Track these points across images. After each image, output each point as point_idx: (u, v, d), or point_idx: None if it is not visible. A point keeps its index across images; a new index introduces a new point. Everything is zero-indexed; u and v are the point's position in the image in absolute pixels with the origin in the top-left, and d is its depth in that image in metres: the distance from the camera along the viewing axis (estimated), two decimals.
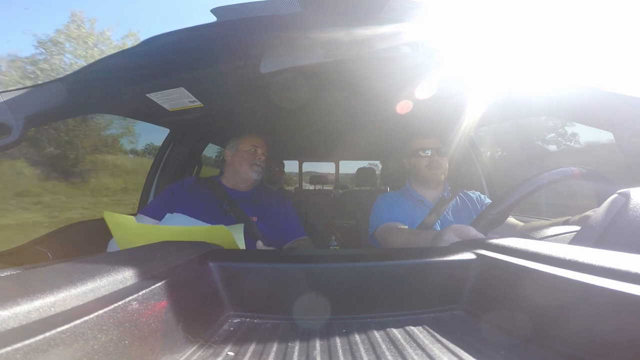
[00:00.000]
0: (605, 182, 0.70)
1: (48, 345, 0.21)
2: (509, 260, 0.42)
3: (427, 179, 1.19)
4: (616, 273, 0.30)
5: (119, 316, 0.28)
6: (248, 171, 1.23)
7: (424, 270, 0.48)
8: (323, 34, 0.72)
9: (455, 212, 1.16)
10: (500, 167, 9.63)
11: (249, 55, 0.82)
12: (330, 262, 0.49)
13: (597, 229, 0.51)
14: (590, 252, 0.36)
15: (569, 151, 10.61)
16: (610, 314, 0.29)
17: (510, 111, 1.17)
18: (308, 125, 1.62)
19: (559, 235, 0.65)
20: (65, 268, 0.33)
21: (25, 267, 0.41)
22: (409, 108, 1.14)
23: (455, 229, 0.67)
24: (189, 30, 0.68)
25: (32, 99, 0.73)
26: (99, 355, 0.25)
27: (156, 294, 0.34)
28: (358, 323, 0.44)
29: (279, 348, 0.38)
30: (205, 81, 0.96)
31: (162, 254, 0.45)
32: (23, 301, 0.23)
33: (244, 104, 1.20)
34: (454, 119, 1.20)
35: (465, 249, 0.52)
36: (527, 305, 0.38)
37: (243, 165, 1.24)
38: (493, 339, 0.39)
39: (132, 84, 0.94)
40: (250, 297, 0.47)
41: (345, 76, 0.93)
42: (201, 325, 0.41)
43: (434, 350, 0.36)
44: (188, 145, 1.69)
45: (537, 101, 0.91)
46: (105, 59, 0.75)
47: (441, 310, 0.47)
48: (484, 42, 0.75)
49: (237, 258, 0.53)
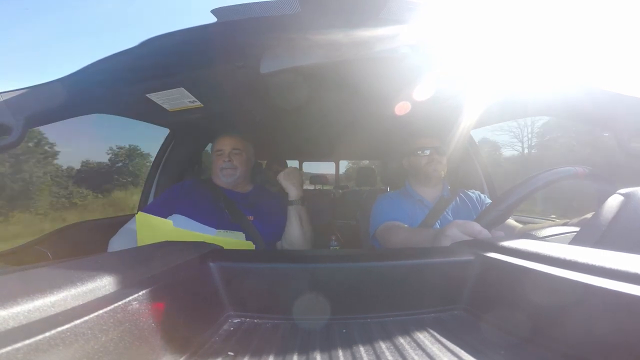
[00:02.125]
0: (607, 183, 0.70)
1: (48, 345, 0.21)
2: (509, 261, 0.42)
3: (427, 176, 1.19)
4: (616, 273, 0.30)
5: (119, 316, 0.28)
6: (219, 175, 1.23)
7: (424, 271, 0.48)
8: (322, 35, 0.72)
9: (455, 211, 1.16)
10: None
11: (248, 55, 0.82)
12: (331, 262, 0.49)
13: (598, 229, 0.51)
14: (590, 253, 0.36)
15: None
16: (610, 314, 0.29)
17: (509, 111, 1.17)
18: (308, 126, 1.62)
19: (559, 236, 0.65)
20: (66, 268, 0.33)
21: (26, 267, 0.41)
22: (408, 108, 1.15)
23: (459, 224, 0.67)
24: (189, 31, 0.68)
25: (32, 99, 0.72)
26: (99, 354, 0.25)
27: (156, 293, 0.34)
28: (358, 323, 0.44)
29: (279, 348, 0.38)
30: (205, 81, 0.96)
31: (162, 254, 0.45)
32: (23, 301, 0.23)
33: (243, 104, 1.20)
34: (453, 118, 1.20)
35: (465, 249, 0.52)
36: (527, 305, 0.38)
37: (215, 170, 1.24)
38: (493, 339, 0.39)
39: (132, 85, 0.94)
40: (250, 297, 0.47)
41: (345, 77, 0.93)
42: (201, 325, 0.41)
43: (434, 350, 0.36)
44: (188, 145, 1.69)
45: (536, 101, 0.91)
46: (105, 60, 0.74)
47: (441, 310, 0.47)
48: (484, 42, 0.75)
49: (237, 258, 0.53)
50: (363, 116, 1.40)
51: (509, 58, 0.79)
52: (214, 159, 1.26)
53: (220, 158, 1.23)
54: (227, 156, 1.23)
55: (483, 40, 0.74)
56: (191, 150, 1.74)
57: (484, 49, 0.77)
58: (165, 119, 1.30)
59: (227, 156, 1.23)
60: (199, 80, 0.95)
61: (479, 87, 0.98)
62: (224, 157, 1.23)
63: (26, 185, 5.72)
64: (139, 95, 1.01)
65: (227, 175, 1.22)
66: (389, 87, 0.99)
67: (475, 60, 0.82)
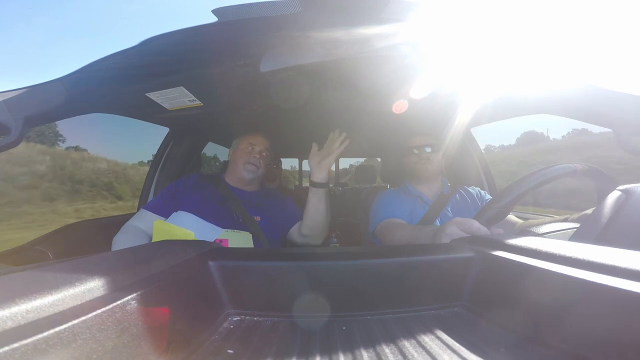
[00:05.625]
0: (607, 179, 0.69)
1: (47, 345, 0.21)
2: (509, 258, 0.42)
3: (419, 174, 1.20)
4: (617, 270, 0.30)
5: (118, 315, 0.28)
6: (241, 169, 1.21)
7: (425, 268, 0.48)
8: (323, 34, 0.72)
9: (455, 208, 1.16)
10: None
11: (248, 54, 0.82)
12: (331, 259, 0.49)
13: (598, 225, 0.51)
14: (591, 249, 0.36)
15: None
16: (611, 312, 0.29)
17: (510, 108, 1.17)
18: (308, 124, 1.62)
19: (559, 232, 0.65)
20: (65, 267, 0.33)
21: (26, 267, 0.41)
22: (407, 106, 1.15)
23: (458, 222, 0.67)
24: (189, 31, 0.68)
25: (32, 99, 0.72)
26: (98, 354, 0.25)
27: (156, 293, 0.34)
28: (358, 320, 0.44)
29: (279, 346, 0.38)
30: (205, 80, 0.96)
31: (162, 253, 0.45)
32: (22, 300, 0.23)
33: (243, 102, 1.20)
34: (452, 116, 1.20)
35: (465, 246, 0.52)
36: (528, 302, 0.38)
37: (238, 163, 1.22)
38: (494, 336, 0.39)
39: (132, 84, 0.94)
40: (250, 295, 0.47)
41: (345, 75, 0.92)
42: (201, 324, 0.41)
43: (434, 348, 0.36)
44: (188, 144, 1.69)
45: (537, 99, 0.90)
46: (105, 59, 0.74)
47: (442, 307, 0.47)
48: (484, 40, 0.75)
49: (237, 256, 0.53)
50: (363, 114, 1.39)
51: (509, 56, 0.78)
52: (238, 153, 1.24)
53: (249, 153, 1.23)
54: (257, 153, 1.24)
55: (483, 38, 0.74)
56: (190, 149, 1.74)
57: (485, 46, 0.77)
58: (164, 117, 1.30)
59: (257, 153, 1.24)
60: (199, 79, 0.95)
61: (479, 85, 0.98)
62: (255, 153, 1.24)
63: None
64: (139, 95, 1.00)
65: (251, 170, 1.21)
66: (389, 85, 0.99)
67: (475, 57, 0.81)
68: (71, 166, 9.34)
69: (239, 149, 1.25)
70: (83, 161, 9.85)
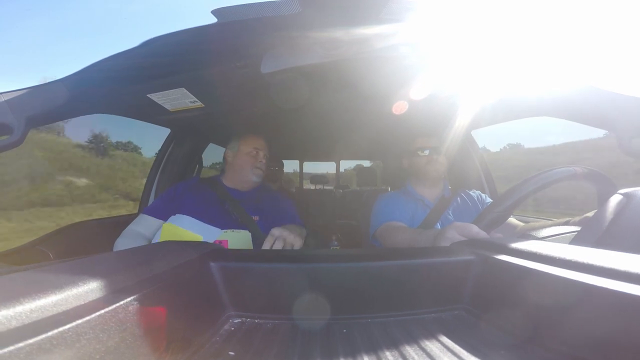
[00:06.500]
0: (607, 183, 0.69)
1: (50, 345, 0.21)
2: (510, 261, 0.42)
3: (427, 176, 1.20)
4: (617, 273, 0.30)
5: (120, 316, 0.28)
6: (249, 174, 1.23)
7: (425, 271, 0.48)
8: (322, 34, 0.72)
9: (456, 211, 1.16)
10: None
11: (249, 55, 0.82)
12: (331, 262, 0.49)
13: (598, 228, 0.51)
14: (591, 253, 0.36)
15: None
16: (611, 315, 0.29)
17: (511, 110, 1.17)
18: (308, 125, 1.62)
19: (560, 235, 0.65)
20: (67, 268, 0.33)
21: (27, 267, 0.41)
22: (407, 108, 1.15)
23: (457, 226, 0.67)
24: (190, 31, 0.68)
25: (34, 99, 0.73)
26: (101, 354, 0.25)
27: (157, 293, 0.34)
28: (359, 323, 0.44)
29: (279, 348, 0.38)
30: (206, 82, 0.96)
31: (163, 253, 0.45)
32: (25, 300, 0.23)
33: (244, 104, 1.21)
34: (453, 118, 1.20)
35: (466, 249, 0.52)
36: (528, 305, 0.38)
37: (245, 168, 1.24)
38: (494, 339, 0.39)
39: (133, 85, 0.94)
40: (251, 297, 0.47)
41: (345, 76, 0.93)
42: (202, 325, 0.41)
43: (435, 351, 0.36)
44: (189, 145, 1.70)
45: (538, 101, 0.90)
46: (107, 60, 0.75)
47: (442, 310, 0.47)
48: (485, 41, 0.75)
49: (238, 258, 0.53)
50: (364, 116, 1.40)
51: (509, 57, 0.79)
52: (244, 157, 1.25)
53: (255, 157, 1.25)
54: (262, 157, 1.26)
55: (485, 38, 0.74)
56: (192, 150, 1.74)
57: (485, 47, 0.77)
58: (166, 119, 1.31)
59: (262, 157, 1.26)
60: (200, 81, 0.95)
61: (479, 86, 0.98)
62: (261, 157, 1.26)
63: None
64: (140, 96, 1.01)
65: (258, 175, 1.24)
66: (390, 86, 0.99)
67: (475, 59, 0.81)
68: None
69: (245, 153, 1.26)
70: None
